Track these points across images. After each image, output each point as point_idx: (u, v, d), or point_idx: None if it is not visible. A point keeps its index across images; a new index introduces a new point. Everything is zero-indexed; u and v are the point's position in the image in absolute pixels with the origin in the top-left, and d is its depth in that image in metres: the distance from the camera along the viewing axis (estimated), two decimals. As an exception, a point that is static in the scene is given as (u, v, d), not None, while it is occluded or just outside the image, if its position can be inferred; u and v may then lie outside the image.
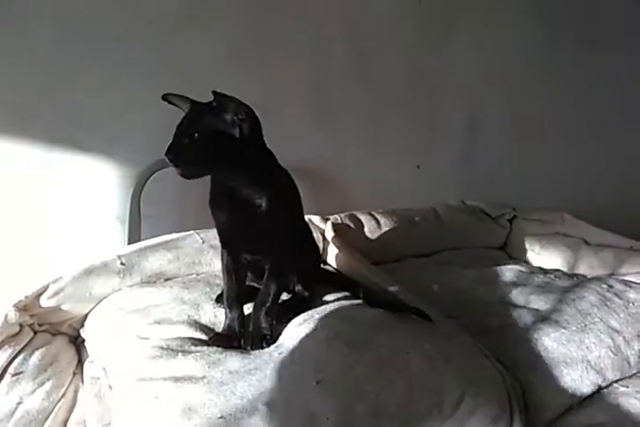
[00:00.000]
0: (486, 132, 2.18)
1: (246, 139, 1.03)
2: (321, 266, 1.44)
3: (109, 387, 1.12)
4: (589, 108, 2.31)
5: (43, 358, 1.18)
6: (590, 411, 1.03)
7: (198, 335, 1.11)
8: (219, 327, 1.14)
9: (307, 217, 1.40)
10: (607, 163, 2.36)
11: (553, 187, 2.23)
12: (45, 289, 1.23)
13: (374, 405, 0.91)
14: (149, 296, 1.24)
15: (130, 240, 1.57)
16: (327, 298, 1.24)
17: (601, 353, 1.10)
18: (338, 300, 1.23)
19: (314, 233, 1.41)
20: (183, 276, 1.35)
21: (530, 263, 1.71)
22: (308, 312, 1.14)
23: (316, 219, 1.61)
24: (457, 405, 0.95)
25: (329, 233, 1.55)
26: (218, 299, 1.21)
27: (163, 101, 1.06)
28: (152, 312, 1.18)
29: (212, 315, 1.18)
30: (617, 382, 1.10)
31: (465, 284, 1.41)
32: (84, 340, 1.27)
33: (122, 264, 1.30)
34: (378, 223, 1.67)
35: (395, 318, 1.10)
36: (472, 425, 0.97)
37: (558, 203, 1.94)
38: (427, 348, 1.01)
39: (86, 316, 1.28)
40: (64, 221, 1.64)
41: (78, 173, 1.62)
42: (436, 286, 1.40)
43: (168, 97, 1.06)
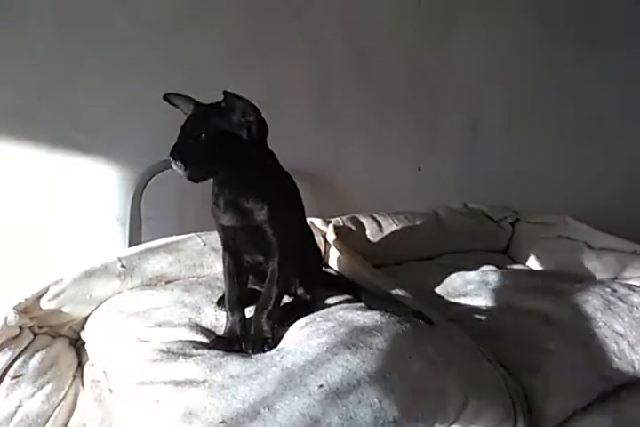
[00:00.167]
0: (487, 133, 2.17)
1: (253, 141, 1.02)
2: (323, 269, 1.44)
3: (110, 390, 1.11)
4: (589, 108, 2.30)
5: (43, 360, 1.17)
6: (594, 416, 1.03)
7: (199, 338, 1.11)
8: (220, 330, 1.13)
9: (308, 220, 1.40)
10: (609, 164, 2.35)
11: (555, 188, 2.22)
12: (46, 291, 1.22)
13: (377, 410, 0.90)
14: (150, 299, 1.24)
15: (130, 242, 1.56)
16: (329, 301, 1.23)
17: (605, 357, 1.09)
18: (340, 303, 1.22)
19: (315, 236, 1.40)
20: (184, 278, 1.35)
21: (532, 267, 1.70)
22: (310, 316, 1.14)
23: (318, 221, 1.60)
24: (460, 409, 0.94)
25: (331, 236, 1.54)
26: (219, 302, 1.21)
27: (163, 102, 1.05)
28: (153, 315, 1.17)
29: (214, 318, 1.17)
30: (622, 387, 1.09)
31: (467, 287, 1.41)
32: (85, 342, 1.27)
33: (122, 267, 1.30)
34: (380, 226, 1.66)
35: (397, 322, 1.09)
36: (476, 430, 0.96)
37: (561, 205, 1.93)
38: (429, 352, 1.01)
39: (87, 318, 1.27)
40: (64, 223, 1.63)
41: (78, 175, 1.62)
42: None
43: (170, 97, 1.05)
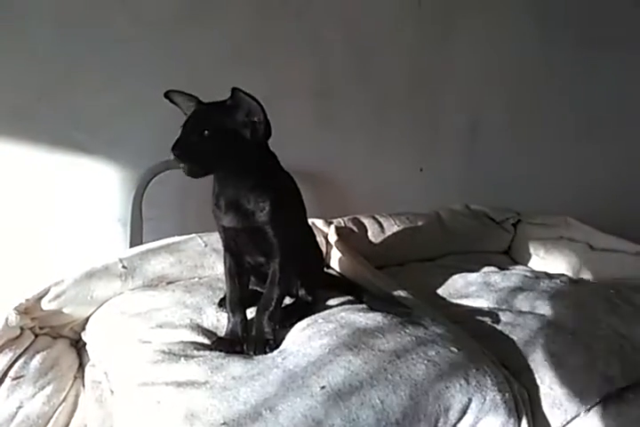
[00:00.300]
0: (487, 133, 2.17)
1: (256, 140, 1.02)
2: (324, 270, 1.43)
3: (111, 391, 1.11)
4: (589, 108, 2.30)
5: (43, 361, 1.17)
6: (598, 419, 1.02)
7: (201, 340, 1.10)
8: (221, 332, 1.13)
9: (310, 221, 1.39)
10: (609, 164, 2.34)
11: (555, 188, 2.22)
12: (47, 292, 1.22)
13: (379, 411, 0.89)
14: (151, 300, 1.23)
15: (131, 243, 1.56)
16: (330, 302, 1.23)
17: (609, 360, 1.09)
18: (341, 304, 1.22)
19: (317, 237, 1.40)
20: (185, 279, 1.34)
21: (534, 268, 1.70)
22: (312, 317, 1.13)
23: (320, 222, 1.60)
24: (464, 411, 0.94)
25: (332, 237, 1.54)
26: (220, 303, 1.20)
27: (164, 103, 1.04)
28: (154, 316, 1.17)
29: (215, 319, 1.17)
30: (625, 389, 1.08)
31: (469, 288, 1.40)
32: (86, 343, 1.26)
33: (123, 267, 1.30)
34: (381, 227, 1.66)
35: (399, 323, 1.09)
36: (479, 432, 0.95)
37: (561, 205, 1.93)
38: (431, 353, 1.00)
39: (88, 319, 1.27)
40: (65, 223, 1.63)
41: (79, 175, 1.62)
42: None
43: (171, 94, 1.04)
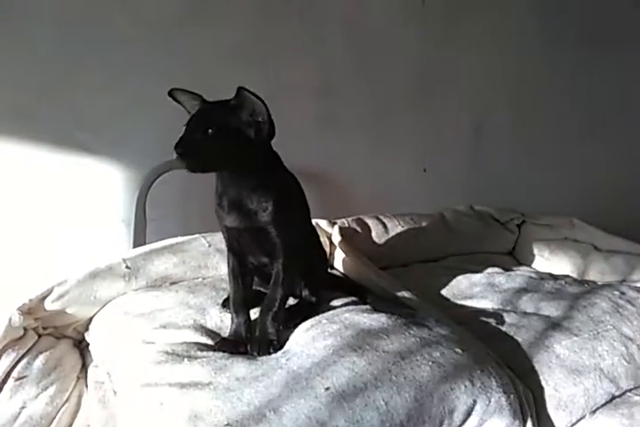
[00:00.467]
0: (491, 134, 2.17)
1: (260, 140, 1.01)
2: (328, 270, 1.43)
3: (114, 392, 1.11)
4: (592, 108, 2.30)
5: (46, 362, 1.17)
6: (603, 421, 1.01)
7: (204, 340, 1.10)
8: (225, 332, 1.13)
9: (314, 221, 1.39)
10: (612, 164, 2.34)
11: (559, 189, 2.22)
12: (50, 292, 1.22)
13: (383, 413, 0.89)
14: (155, 300, 1.23)
15: (135, 243, 1.56)
16: (334, 303, 1.22)
17: (614, 361, 1.08)
18: (345, 305, 1.21)
19: (321, 237, 1.39)
20: (189, 280, 1.34)
21: (539, 269, 1.69)
22: (316, 318, 1.13)
23: (323, 223, 1.59)
24: (468, 413, 0.93)
25: (336, 237, 1.53)
26: (224, 303, 1.20)
27: (167, 103, 1.04)
28: (157, 316, 1.17)
29: (219, 320, 1.17)
30: (631, 390, 1.07)
31: (473, 289, 1.40)
32: (89, 344, 1.26)
33: (127, 268, 1.29)
34: (385, 228, 1.65)
35: (403, 324, 1.08)
36: (484, 434, 0.95)
37: (565, 206, 1.92)
38: (436, 355, 1.00)
39: (91, 319, 1.27)
40: (69, 223, 1.63)
41: (83, 176, 1.62)
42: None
43: (175, 93, 1.03)
